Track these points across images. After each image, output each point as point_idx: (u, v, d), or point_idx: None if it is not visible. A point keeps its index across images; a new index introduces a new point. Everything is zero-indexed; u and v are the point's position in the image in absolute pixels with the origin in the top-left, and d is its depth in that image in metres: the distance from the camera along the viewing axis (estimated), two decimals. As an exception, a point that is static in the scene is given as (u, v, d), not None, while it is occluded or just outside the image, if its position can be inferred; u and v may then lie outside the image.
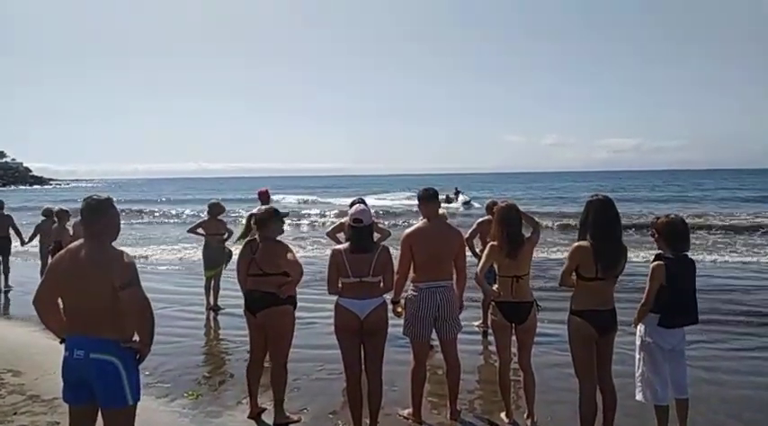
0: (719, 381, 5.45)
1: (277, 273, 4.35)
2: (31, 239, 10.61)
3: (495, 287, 4.38)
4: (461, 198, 34.60)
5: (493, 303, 4.44)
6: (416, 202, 4.76)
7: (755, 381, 5.48)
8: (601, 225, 3.82)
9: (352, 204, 6.22)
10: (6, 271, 10.79)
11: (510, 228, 4.35)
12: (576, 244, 3.90)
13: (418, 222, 4.66)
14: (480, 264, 4.37)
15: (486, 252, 4.42)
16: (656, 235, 4.03)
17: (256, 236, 4.52)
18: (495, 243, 4.37)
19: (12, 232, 10.82)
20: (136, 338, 3.07)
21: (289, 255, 4.34)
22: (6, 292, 10.48)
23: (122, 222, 3.33)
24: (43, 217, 10.44)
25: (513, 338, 4.47)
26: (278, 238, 4.53)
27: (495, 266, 4.42)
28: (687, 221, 4.10)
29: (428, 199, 4.58)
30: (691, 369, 4.37)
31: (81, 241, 3.09)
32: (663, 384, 3.97)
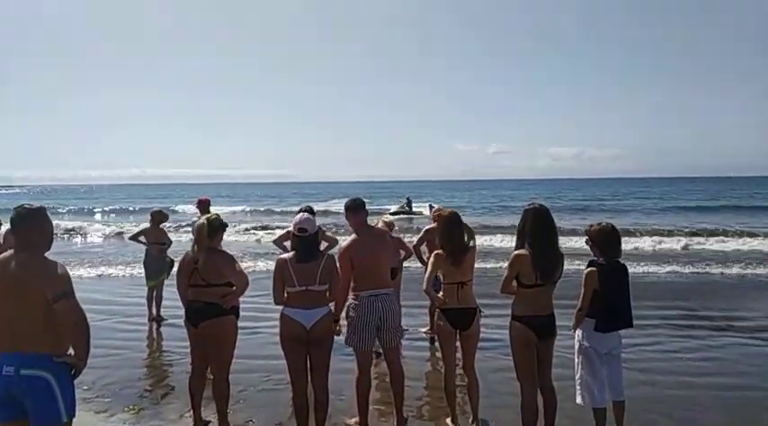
0: (653, 382, 5.70)
1: (221, 284, 4.25)
2: None
3: (440, 294, 4.46)
4: (415, 207, 34.87)
5: (438, 310, 4.52)
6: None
7: (686, 381, 5.75)
8: (538, 233, 3.94)
9: (299, 212, 6.21)
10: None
11: (453, 237, 4.45)
12: (516, 252, 4.01)
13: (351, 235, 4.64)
14: (427, 273, 4.44)
15: (431, 260, 4.50)
16: (590, 243, 4.21)
17: (196, 247, 4.38)
18: (439, 251, 4.45)
19: None
20: (71, 351, 2.97)
21: (234, 265, 4.27)
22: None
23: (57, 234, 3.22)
24: None
25: (458, 344, 4.55)
26: (223, 248, 4.47)
27: (440, 274, 4.50)
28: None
29: (356, 209, 4.59)
30: (627, 372, 4.57)
31: (11, 252, 2.97)
32: (600, 387, 4.12)
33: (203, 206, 8.73)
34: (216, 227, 4.38)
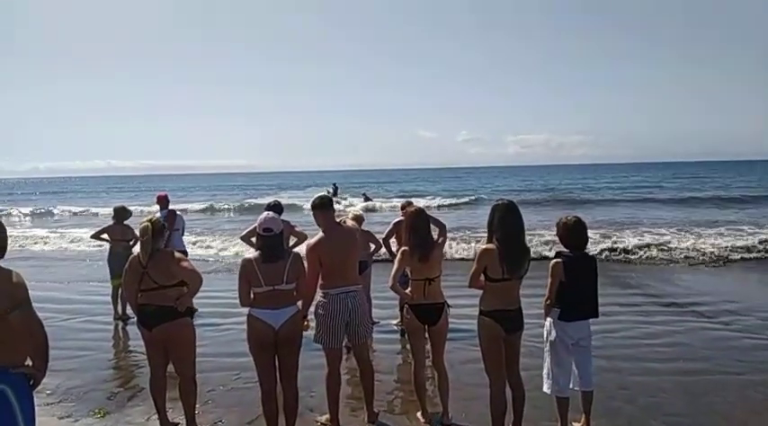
0: (618, 369, 5.83)
1: (173, 284, 4.15)
2: None
3: (408, 290, 4.47)
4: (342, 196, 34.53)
5: (407, 305, 4.53)
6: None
7: (650, 367, 5.90)
8: (506, 228, 3.98)
9: (267, 208, 6.14)
10: None
11: (419, 233, 4.46)
12: (484, 246, 4.06)
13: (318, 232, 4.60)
14: (393, 270, 4.44)
15: (398, 257, 4.50)
16: (558, 234, 4.29)
17: (142, 250, 4.23)
18: (406, 248, 4.46)
19: None
20: (29, 362, 2.87)
21: (184, 263, 4.15)
22: None
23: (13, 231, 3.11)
24: None
25: (428, 337, 4.58)
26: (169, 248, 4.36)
27: (408, 270, 4.50)
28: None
29: (322, 207, 4.55)
30: (592, 359, 4.65)
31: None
32: (565, 376, 4.20)
33: (163, 201, 8.61)
34: (159, 229, 4.27)
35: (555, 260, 4.19)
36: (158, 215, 7.35)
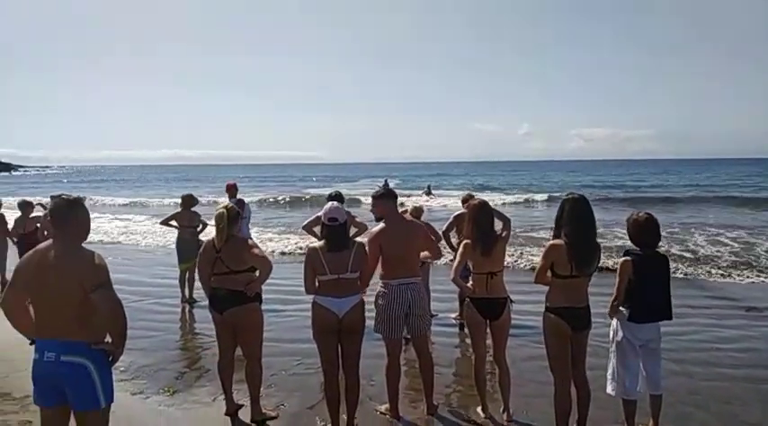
0: (688, 373, 5.58)
1: (244, 270, 4.29)
2: None
3: (469, 283, 4.42)
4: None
5: (468, 299, 4.48)
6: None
7: (722, 372, 5.61)
8: (575, 223, 3.86)
9: (329, 199, 6.21)
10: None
11: (482, 226, 4.40)
12: (551, 242, 3.95)
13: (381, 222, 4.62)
14: (455, 263, 4.41)
15: (460, 250, 4.46)
16: (628, 232, 4.13)
17: (217, 235, 4.38)
18: (468, 241, 4.40)
19: None
20: (108, 339, 3.02)
21: (255, 250, 4.29)
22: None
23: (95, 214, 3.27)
24: None
25: (489, 332, 4.52)
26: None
27: (470, 263, 4.46)
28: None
29: (384, 198, 4.58)
30: (662, 361, 4.47)
31: (50, 242, 3.02)
32: (632, 378, 4.05)
33: (232, 190, 8.88)
34: (234, 215, 4.42)
35: (624, 258, 4.03)
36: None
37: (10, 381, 5.27)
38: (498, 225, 4.76)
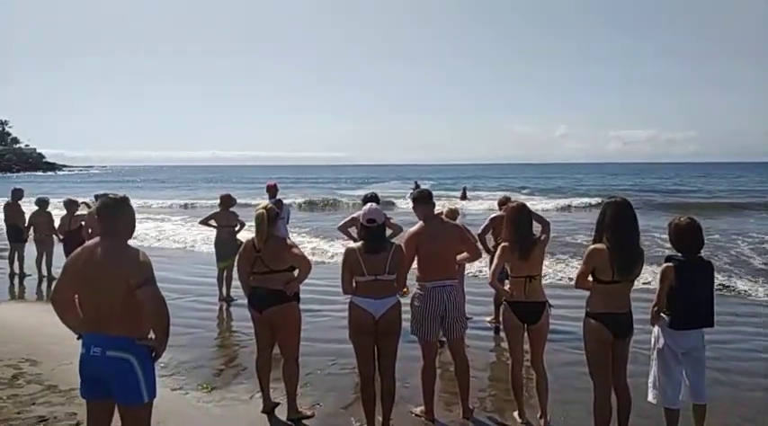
0: (734, 383, 5.40)
1: (283, 269, 4.35)
2: (27, 229, 10.68)
3: (507, 286, 4.38)
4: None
5: (505, 302, 4.43)
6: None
7: (770, 383, 5.42)
8: (618, 227, 3.78)
9: (365, 200, 6.23)
10: (21, 260, 10.88)
11: (521, 229, 4.35)
12: (593, 246, 3.87)
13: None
14: (493, 266, 4.37)
15: (498, 253, 4.41)
16: (670, 237, 4.02)
17: (258, 235, 4.44)
18: (506, 244, 4.36)
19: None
20: (151, 335, 3.09)
21: (294, 250, 4.37)
22: (22, 278, 10.64)
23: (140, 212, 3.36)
24: (35, 207, 10.60)
25: (527, 336, 4.46)
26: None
27: (508, 266, 4.41)
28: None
29: (423, 200, 4.61)
30: (706, 371, 4.33)
31: (97, 239, 3.11)
32: (674, 387, 3.93)
33: (272, 190, 8.98)
34: (273, 216, 4.50)
35: (666, 264, 3.91)
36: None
37: (56, 374, 5.44)
38: (537, 228, 4.70)
